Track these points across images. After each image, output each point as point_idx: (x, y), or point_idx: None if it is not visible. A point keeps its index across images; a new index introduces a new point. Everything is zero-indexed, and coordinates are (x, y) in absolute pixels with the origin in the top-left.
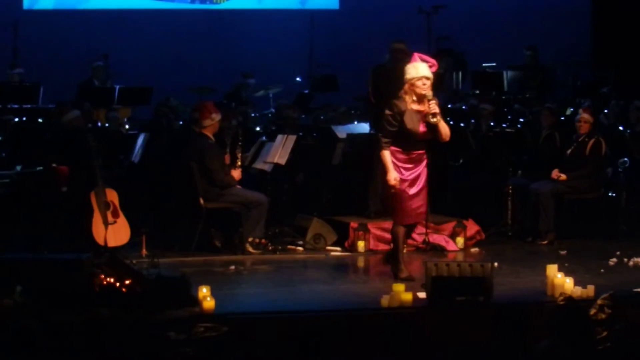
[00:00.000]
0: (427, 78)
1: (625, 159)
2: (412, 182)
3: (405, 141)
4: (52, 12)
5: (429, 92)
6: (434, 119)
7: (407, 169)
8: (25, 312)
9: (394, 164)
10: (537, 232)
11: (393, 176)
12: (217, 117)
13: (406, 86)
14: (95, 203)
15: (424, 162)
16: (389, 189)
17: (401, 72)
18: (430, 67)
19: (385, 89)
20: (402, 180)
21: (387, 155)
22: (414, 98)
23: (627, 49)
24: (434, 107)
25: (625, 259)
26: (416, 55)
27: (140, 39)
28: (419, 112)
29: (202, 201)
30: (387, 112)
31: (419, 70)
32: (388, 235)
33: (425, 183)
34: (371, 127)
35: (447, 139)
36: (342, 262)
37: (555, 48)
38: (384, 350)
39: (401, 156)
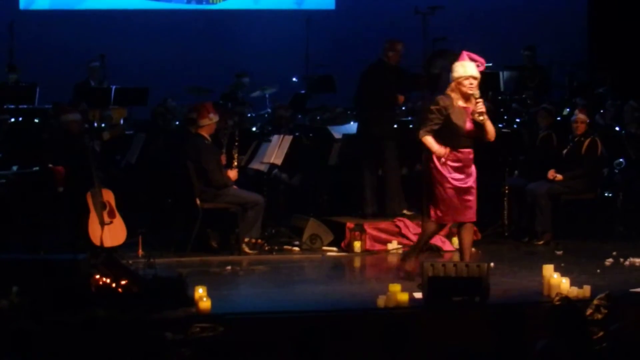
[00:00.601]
0: (475, 78)
1: (621, 159)
2: (459, 182)
3: (451, 138)
4: (49, 13)
5: (475, 92)
6: (481, 118)
7: (454, 168)
8: (22, 312)
9: (440, 161)
10: (534, 233)
11: (440, 149)
12: (215, 117)
13: (453, 84)
14: (92, 203)
15: (474, 173)
16: (436, 182)
17: (372, 79)
18: (478, 66)
19: (361, 89)
20: (449, 178)
21: (429, 138)
22: (460, 96)
23: (623, 49)
24: (480, 106)
25: (622, 259)
26: (465, 53)
27: (136, 39)
28: (465, 108)
29: (198, 201)
30: (433, 107)
31: (467, 69)
32: (384, 236)
33: (475, 188)
34: (358, 129)
35: (493, 139)
36: (338, 263)
37: (552, 49)
38: (381, 351)
39: (449, 155)
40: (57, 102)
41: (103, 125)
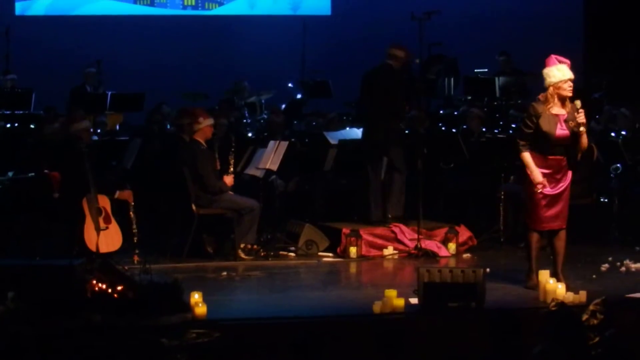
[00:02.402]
0: (572, 80)
1: (618, 164)
2: (549, 190)
3: (542, 145)
4: (45, 18)
5: (577, 102)
6: (581, 129)
7: (544, 175)
8: (18, 318)
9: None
10: None
11: (537, 176)
12: (204, 121)
13: (550, 89)
14: (88, 209)
15: (567, 173)
16: (530, 190)
17: (380, 83)
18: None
19: (365, 94)
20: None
21: (527, 156)
22: (556, 101)
23: (619, 54)
24: (581, 117)
25: (618, 265)
26: (553, 57)
27: (132, 45)
28: (557, 115)
29: (194, 207)
30: (525, 115)
31: (565, 73)
32: (380, 241)
33: (567, 193)
34: (364, 134)
35: (585, 149)
36: (334, 268)
37: (547, 54)
38: (377, 356)
39: (538, 161)
40: (50, 107)
41: (99, 131)
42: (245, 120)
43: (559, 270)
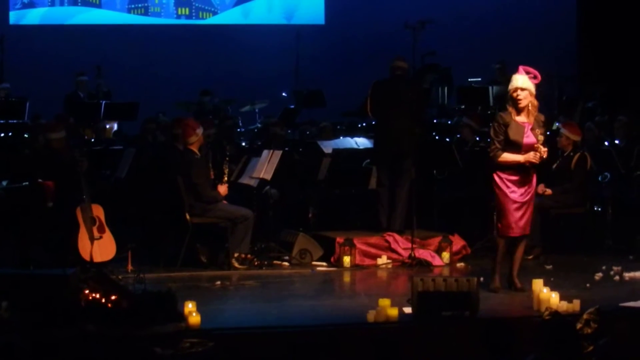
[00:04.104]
0: (522, 89)
1: (606, 173)
2: (518, 196)
3: (511, 152)
4: (39, 28)
5: (539, 136)
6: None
7: (512, 182)
8: (11, 327)
9: (499, 176)
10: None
11: (527, 157)
12: (200, 131)
13: (508, 98)
14: (81, 218)
15: (533, 180)
16: (502, 198)
17: (399, 91)
18: (532, 78)
19: (384, 104)
20: (509, 192)
21: (505, 155)
22: (517, 109)
23: (613, 63)
24: (539, 135)
25: (611, 273)
26: (521, 68)
27: (126, 54)
28: (523, 124)
29: (188, 216)
30: (494, 123)
31: (514, 81)
32: (374, 250)
33: (531, 199)
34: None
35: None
36: (328, 278)
37: (541, 63)
38: None
39: (507, 169)
40: (37, 116)
41: (92, 140)
42: (239, 130)
43: (514, 274)
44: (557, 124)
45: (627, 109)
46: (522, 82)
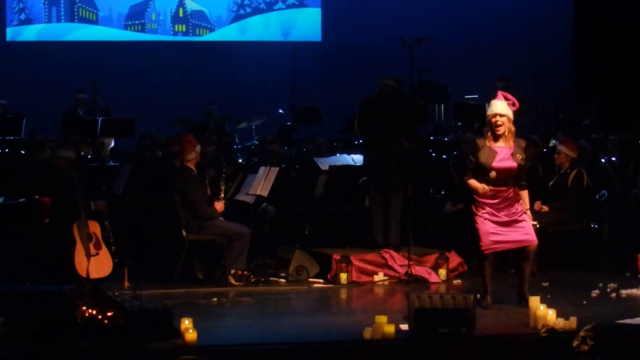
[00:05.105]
0: (501, 115)
1: (604, 191)
2: (495, 215)
3: (483, 176)
4: (36, 44)
5: (502, 130)
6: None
7: (489, 204)
8: (7, 343)
9: (475, 199)
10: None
11: (478, 187)
12: (199, 148)
13: (487, 122)
14: (78, 235)
15: (515, 205)
16: (474, 217)
17: (388, 107)
18: (510, 104)
19: (372, 121)
20: (484, 212)
21: (471, 181)
22: (494, 134)
23: (609, 80)
24: (519, 158)
25: (608, 291)
26: (500, 93)
27: (123, 70)
28: (496, 149)
29: (184, 233)
30: (469, 147)
31: (493, 107)
32: (370, 267)
33: (519, 221)
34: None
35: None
36: (324, 294)
37: (537, 80)
38: None
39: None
40: (34, 132)
41: (89, 157)
42: (235, 146)
43: (525, 290)
44: (553, 141)
45: (623, 127)
46: (501, 108)
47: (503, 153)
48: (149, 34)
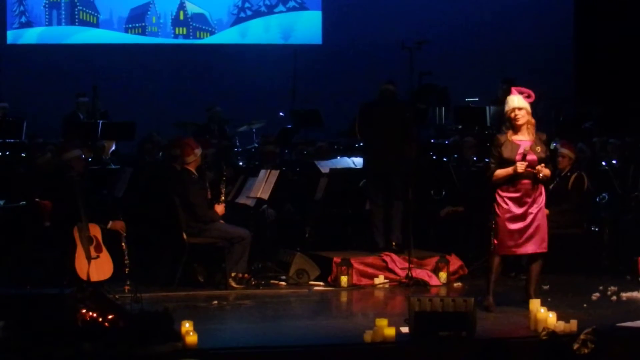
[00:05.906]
0: (520, 108)
1: (604, 194)
2: (517, 217)
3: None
4: (36, 47)
5: (522, 121)
6: (538, 167)
7: (512, 200)
8: (8, 347)
9: (499, 195)
10: (520, 267)
11: (512, 168)
12: (199, 151)
13: (506, 118)
14: (78, 238)
15: (538, 199)
16: (496, 218)
17: (388, 111)
18: (526, 97)
19: (372, 125)
20: (507, 211)
21: (498, 171)
22: (514, 129)
23: (610, 84)
24: (543, 173)
25: (608, 294)
26: (514, 89)
27: (124, 73)
28: (519, 142)
29: (185, 236)
30: (491, 146)
31: (510, 102)
32: (371, 270)
33: (539, 219)
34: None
35: (547, 178)
36: (325, 297)
37: (538, 83)
38: None
39: (506, 187)
40: (34, 135)
41: (90, 159)
42: (236, 149)
43: (532, 291)
44: (554, 144)
45: (624, 130)
46: (518, 101)
47: (524, 145)
48: (150, 37)
